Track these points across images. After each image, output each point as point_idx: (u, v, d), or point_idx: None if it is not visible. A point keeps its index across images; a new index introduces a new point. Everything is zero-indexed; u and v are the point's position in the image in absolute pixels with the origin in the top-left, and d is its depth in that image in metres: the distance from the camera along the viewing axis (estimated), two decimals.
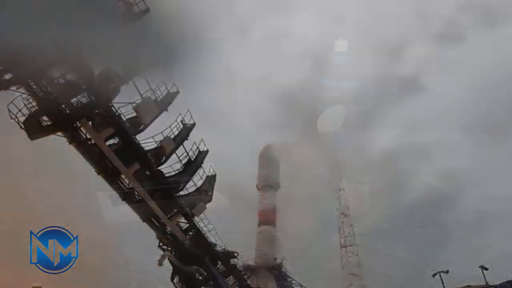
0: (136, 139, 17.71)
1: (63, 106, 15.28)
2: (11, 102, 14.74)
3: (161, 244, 21.52)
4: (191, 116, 20.16)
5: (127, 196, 18.73)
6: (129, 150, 17.41)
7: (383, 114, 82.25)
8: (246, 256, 36.25)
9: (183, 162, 20.24)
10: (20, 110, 14.88)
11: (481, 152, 71.83)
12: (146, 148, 18.43)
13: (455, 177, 71.26)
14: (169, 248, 21.51)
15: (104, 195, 19.07)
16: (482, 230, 63.38)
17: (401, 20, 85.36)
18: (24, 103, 14.91)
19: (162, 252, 21.30)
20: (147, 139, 18.46)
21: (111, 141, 17.22)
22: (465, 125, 74.88)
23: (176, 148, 19.49)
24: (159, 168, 19.19)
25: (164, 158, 19.05)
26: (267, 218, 37.62)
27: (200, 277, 22.82)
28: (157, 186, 19.29)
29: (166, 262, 21.63)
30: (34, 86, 14.56)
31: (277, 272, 37.60)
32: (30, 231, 15.24)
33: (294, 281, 38.83)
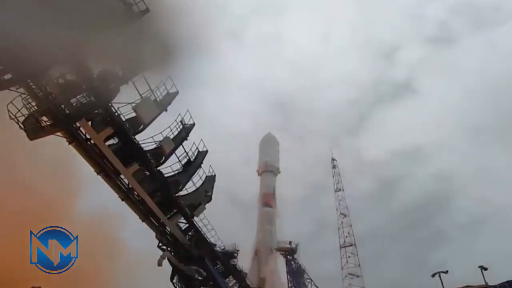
0: (135, 139, 17.71)
1: (62, 106, 15.26)
2: (11, 102, 14.71)
3: (160, 244, 21.52)
4: (191, 116, 20.17)
5: (126, 196, 18.73)
6: (129, 150, 17.39)
7: (377, 116, 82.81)
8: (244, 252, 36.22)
9: (183, 162, 20.25)
10: (19, 110, 14.86)
11: (475, 154, 72.40)
12: (146, 148, 18.43)
13: (450, 179, 71.82)
14: (169, 248, 21.50)
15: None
16: (477, 231, 63.88)
17: (394, 23, 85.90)
18: (23, 103, 14.88)
19: (161, 252, 21.30)
20: (147, 139, 18.48)
21: (110, 141, 17.21)
22: (458, 127, 75.36)
23: (176, 148, 19.49)
24: (158, 168, 19.19)
25: (163, 158, 19.04)
26: (268, 201, 38.55)
27: (200, 277, 22.82)
28: (157, 186, 19.32)
29: (165, 262, 21.63)
30: (33, 86, 14.54)
31: (290, 257, 37.58)
32: (30, 231, 15.23)
33: (308, 279, 38.61)
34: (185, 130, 19.84)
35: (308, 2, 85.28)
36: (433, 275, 27.03)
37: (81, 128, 16.10)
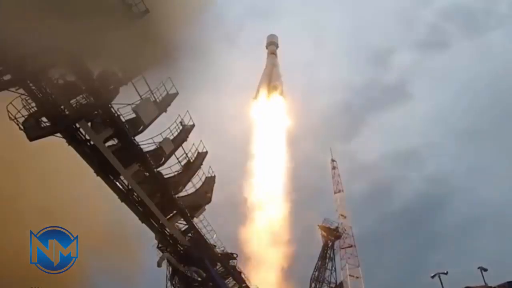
0: (135, 140, 17.70)
1: (62, 107, 15.28)
2: (10, 103, 14.73)
3: (160, 245, 21.54)
4: (190, 118, 20.15)
5: (126, 197, 18.73)
6: (128, 151, 17.38)
7: (371, 121, 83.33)
8: None
9: (182, 163, 20.25)
10: (19, 111, 14.88)
11: (469, 156, 72.85)
12: (145, 149, 18.42)
13: (445, 181, 72.16)
14: (168, 249, 21.51)
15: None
16: (476, 232, 64.07)
17: (386, 28, 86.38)
18: (23, 104, 14.90)
19: (161, 253, 21.33)
20: (146, 140, 18.46)
21: (110, 142, 17.22)
22: (452, 130, 75.83)
23: (175, 149, 19.48)
24: (158, 169, 19.19)
25: (163, 159, 19.05)
26: (273, 52, 49.26)
27: (199, 279, 22.83)
28: (156, 187, 19.32)
29: (165, 262, 21.65)
30: (33, 87, 14.56)
31: None
32: (30, 231, 15.22)
33: None
34: (185, 131, 19.84)
35: (301, 7, 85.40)
36: (433, 276, 27.04)
37: (80, 129, 16.12)
